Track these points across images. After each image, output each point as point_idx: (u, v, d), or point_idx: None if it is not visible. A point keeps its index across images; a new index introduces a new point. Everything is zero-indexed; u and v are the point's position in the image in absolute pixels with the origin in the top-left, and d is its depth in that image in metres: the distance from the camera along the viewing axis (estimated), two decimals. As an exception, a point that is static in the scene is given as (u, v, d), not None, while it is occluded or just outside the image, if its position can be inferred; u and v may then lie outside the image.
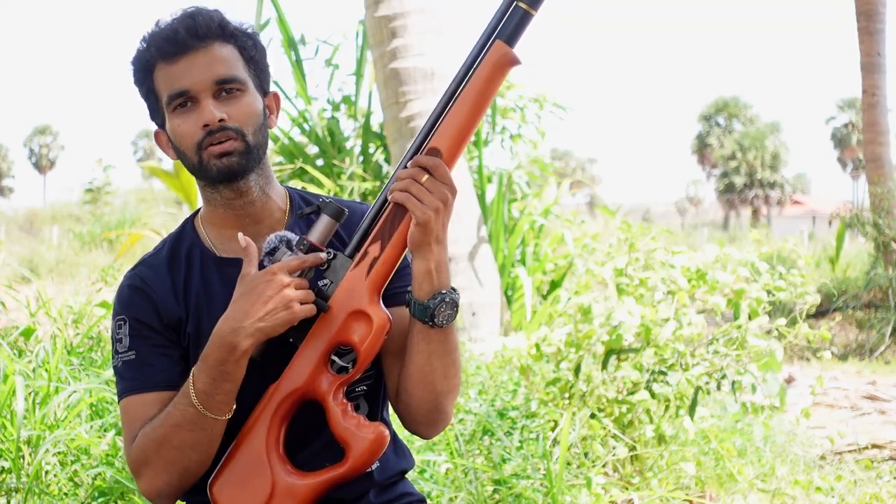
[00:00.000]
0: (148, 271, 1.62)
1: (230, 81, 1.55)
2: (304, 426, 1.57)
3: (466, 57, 1.52)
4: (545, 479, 3.18)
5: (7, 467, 2.81)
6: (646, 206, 79.11)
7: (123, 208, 21.74)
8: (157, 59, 1.55)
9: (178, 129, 1.55)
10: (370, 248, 1.51)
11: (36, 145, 78.67)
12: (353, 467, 1.51)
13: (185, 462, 1.51)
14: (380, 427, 1.52)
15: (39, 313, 4.39)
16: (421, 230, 1.47)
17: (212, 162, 1.54)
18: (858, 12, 10.40)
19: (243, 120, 1.55)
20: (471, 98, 1.50)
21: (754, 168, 59.43)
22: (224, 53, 1.55)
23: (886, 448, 4.55)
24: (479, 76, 1.50)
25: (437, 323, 1.51)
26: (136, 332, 1.58)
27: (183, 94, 1.54)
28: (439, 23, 6.10)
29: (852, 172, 65.41)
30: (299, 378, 1.52)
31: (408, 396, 1.58)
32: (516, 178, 7.60)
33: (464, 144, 1.52)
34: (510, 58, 1.50)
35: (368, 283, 1.51)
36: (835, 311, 9.31)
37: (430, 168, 1.48)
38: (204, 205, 1.65)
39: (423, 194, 1.47)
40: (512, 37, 1.50)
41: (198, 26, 1.54)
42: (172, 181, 10.75)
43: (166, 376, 1.55)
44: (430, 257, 1.49)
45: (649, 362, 3.71)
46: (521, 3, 1.49)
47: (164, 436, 1.50)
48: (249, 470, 1.52)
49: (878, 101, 10.23)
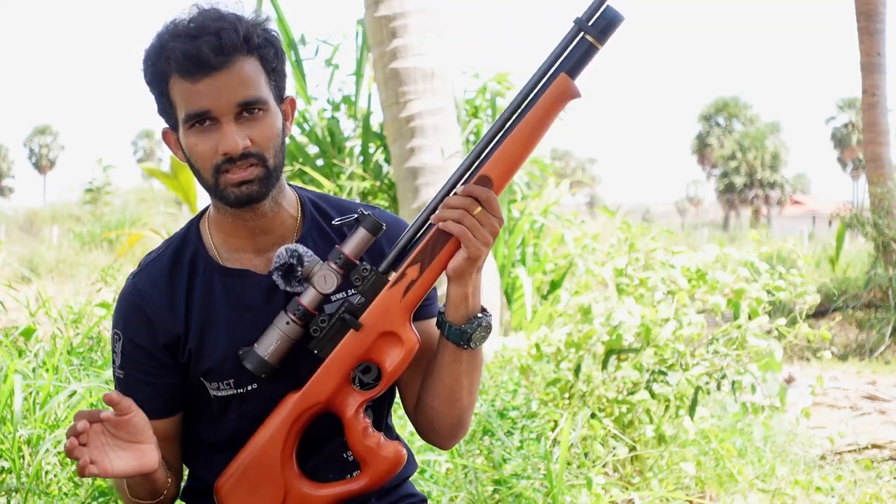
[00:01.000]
0: (147, 284, 1.58)
1: (254, 103, 1.47)
2: (310, 437, 1.57)
3: (525, 84, 1.49)
4: (545, 479, 3.18)
5: (7, 467, 2.81)
6: (646, 206, 79.09)
7: (123, 208, 21.73)
8: (173, 73, 1.46)
9: (195, 148, 1.49)
10: (409, 269, 1.49)
11: (36, 145, 78.63)
12: (370, 484, 1.52)
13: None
14: (399, 447, 1.53)
15: (39, 313, 4.38)
16: (470, 263, 1.47)
17: (229, 189, 1.49)
18: (858, 12, 10.40)
19: (265, 143, 1.49)
20: (528, 129, 1.47)
21: (754, 168, 59.42)
22: (248, 71, 1.47)
23: (886, 448, 4.55)
24: (539, 107, 1.47)
25: (472, 346, 1.51)
26: (128, 354, 1.57)
27: (203, 115, 1.47)
28: (439, 23, 6.09)
29: (852, 172, 65.40)
30: (323, 392, 1.51)
31: (433, 413, 1.58)
32: (516, 178, 7.60)
33: (513, 174, 1.50)
34: (572, 91, 1.48)
35: (403, 304, 1.50)
36: (835, 311, 9.31)
37: (483, 200, 1.46)
38: (213, 209, 1.60)
39: (475, 227, 1.45)
40: (575, 69, 1.48)
41: (223, 44, 1.44)
42: (171, 182, 10.72)
43: (149, 405, 1.53)
44: (469, 284, 1.50)
45: (649, 362, 3.71)
46: (589, 36, 1.46)
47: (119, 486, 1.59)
48: (262, 477, 1.52)
49: (878, 101, 10.23)
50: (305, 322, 1.50)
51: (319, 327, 1.50)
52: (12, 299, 4.73)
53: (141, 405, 1.53)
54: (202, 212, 1.64)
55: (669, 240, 4.92)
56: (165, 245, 1.63)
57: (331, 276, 1.49)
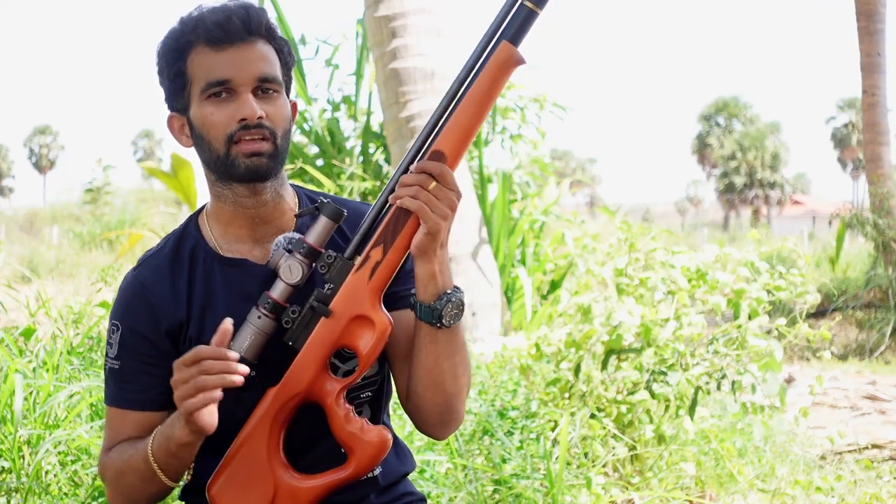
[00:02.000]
0: (149, 275, 1.59)
1: (271, 81, 1.53)
2: (307, 431, 1.57)
3: (469, 56, 1.49)
4: (545, 479, 3.18)
5: (7, 467, 2.81)
6: (646, 206, 79.11)
7: (123, 208, 21.74)
8: (200, 42, 1.52)
9: (211, 117, 1.52)
10: (372, 252, 1.49)
11: (36, 145, 78.66)
12: (357, 471, 1.51)
13: (136, 497, 1.56)
14: (383, 431, 1.51)
15: (39, 313, 4.39)
16: (430, 238, 1.46)
17: (240, 159, 1.52)
18: (858, 12, 10.40)
19: (278, 121, 1.53)
20: (475, 99, 1.48)
21: (754, 168, 59.44)
22: (268, 53, 1.54)
23: (886, 448, 4.55)
24: (484, 77, 1.47)
25: (445, 324, 1.50)
26: (127, 343, 1.57)
27: (223, 83, 1.51)
28: (439, 23, 6.10)
29: (852, 172, 65.42)
30: (300, 382, 1.50)
31: (418, 399, 1.57)
32: (516, 178, 7.61)
33: (467, 146, 1.50)
34: (515, 58, 1.47)
35: (370, 287, 1.49)
36: (835, 311, 9.31)
37: (437, 175, 1.46)
38: (212, 200, 1.61)
39: (432, 202, 1.45)
40: (517, 36, 1.47)
41: (251, 20, 1.52)
42: (171, 181, 10.70)
43: (145, 396, 1.55)
44: (435, 260, 1.49)
45: (649, 362, 3.71)
46: (527, 2, 1.47)
47: (122, 470, 1.54)
48: (250, 473, 1.51)
49: (878, 101, 10.23)
50: (277, 315, 1.50)
51: (291, 318, 1.50)
52: (12, 299, 4.73)
53: (136, 397, 1.55)
54: (200, 209, 1.66)
55: (669, 240, 4.92)
56: (165, 240, 1.65)
57: (296, 267, 1.49)
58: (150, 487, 1.53)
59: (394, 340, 1.59)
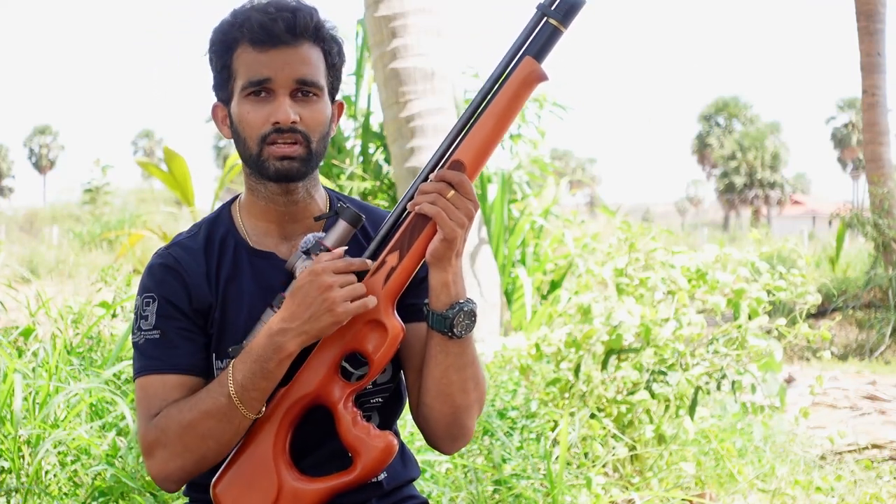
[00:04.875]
0: (183, 253, 1.60)
1: (311, 85, 1.54)
2: (312, 433, 1.57)
3: (493, 70, 1.51)
4: (545, 480, 3.18)
5: (7, 467, 2.81)
6: (646, 206, 79.14)
7: (123, 208, 21.75)
8: (245, 41, 1.53)
9: (247, 116, 1.54)
10: (388, 257, 1.51)
11: (36, 145, 78.66)
12: (362, 475, 1.51)
13: (204, 451, 1.50)
14: (389, 436, 1.51)
15: (39, 313, 4.38)
16: (446, 245, 1.48)
17: (271, 161, 1.54)
18: (858, 12, 10.40)
19: (313, 126, 1.55)
20: (496, 113, 1.50)
21: (754, 168, 59.45)
22: (311, 56, 1.55)
23: (886, 448, 4.55)
24: (507, 91, 1.50)
25: (456, 333, 1.51)
26: (164, 312, 1.56)
27: (262, 83, 1.53)
28: (439, 23, 6.10)
29: (852, 172, 65.42)
30: (310, 384, 1.51)
31: (427, 410, 1.58)
32: (516, 178, 7.61)
33: (486, 158, 1.51)
34: (538, 74, 1.50)
35: (385, 292, 1.50)
36: (835, 311, 9.31)
37: (456, 184, 1.48)
38: (246, 193, 1.63)
39: (450, 210, 1.47)
40: (541, 53, 1.50)
41: (297, 23, 1.52)
42: (167, 178, 10.68)
43: (191, 360, 1.55)
44: (449, 269, 1.50)
45: (649, 362, 3.71)
46: (552, 20, 1.49)
47: (190, 421, 1.49)
48: (255, 472, 1.52)
49: (878, 101, 10.23)
50: None
51: None
52: (12, 299, 4.73)
53: (181, 361, 1.54)
54: (233, 198, 1.68)
55: (669, 240, 4.92)
56: (198, 225, 1.66)
57: None
58: (230, 429, 1.49)
59: (410, 352, 1.60)
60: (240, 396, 1.47)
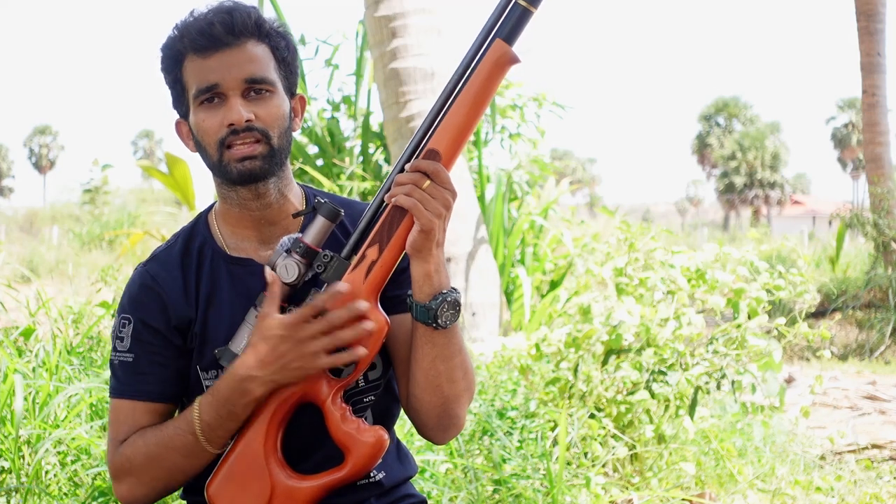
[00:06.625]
0: (160, 269, 1.60)
1: (260, 82, 1.53)
2: (309, 435, 1.56)
3: (464, 55, 1.49)
4: (545, 479, 3.18)
5: (7, 467, 2.81)
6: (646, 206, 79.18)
7: (123, 208, 21.74)
8: (189, 51, 1.53)
9: (203, 123, 1.53)
10: (368, 250, 1.49)
11: (36, 145, 78.60)
12: (353, 471, 1.50)
13: (169, 480, 1.54)
14: (379, 431, 1.50)
15: (39, 313, 4.39)
16: (424, 236, 1.46)
17: (232, 164, 1.53)
18: (858, 12, 10.40)
19: (270, 122, 1.53)
20: (469, 98, 1.47)
21: (754, 168, 59.41)
22: (257, 53, 1.54)
23: (886, 448, 4.54)
24: (479, 76, 1.47)
25: (440, 324, 1.50)
26: (139, 336, 1.57)
27: (211, 89, 1.52)
28: (439, 23, 6.10)
29: (852, 172, 65.40)
30: None
31: (416, 402, 1.57)
32: (516, 177, 7.60)
33: (462, 145, 1.49)
34: (510, 56, 1.47)
35: (366, 286, 1.49)
36: (835, 311, 9.31)
37: (431, 173, 1.46)
38: (219, 201, 1.63)
39: (426, 200, 1.45)
40: (511, 35, 1.47)
41: (234, 23, 1.52)
42: (168, 180, 10.69)
43: (161, 388, 1.55)
44: (430, 260, 1.48)
45: (649, 362, 3.71)
46: (521, 1, 1.47)
47: (156, 455, 1.52)
48: (248, 473, 1.51)
49: (878, 101, 10.23)
50: None
51: None
52: (12, 299, 4.73)
53: (152, 388, 1.54)
54: (210, 206, 1.67)
55: (669, 240, 4.92)
56: (175, 237, 1.66)
57: (292, 266, 1.49)
58: (196, 463, 1.52)
59: (396, 343, 1.59)
60: (206, 435, 1.49)
